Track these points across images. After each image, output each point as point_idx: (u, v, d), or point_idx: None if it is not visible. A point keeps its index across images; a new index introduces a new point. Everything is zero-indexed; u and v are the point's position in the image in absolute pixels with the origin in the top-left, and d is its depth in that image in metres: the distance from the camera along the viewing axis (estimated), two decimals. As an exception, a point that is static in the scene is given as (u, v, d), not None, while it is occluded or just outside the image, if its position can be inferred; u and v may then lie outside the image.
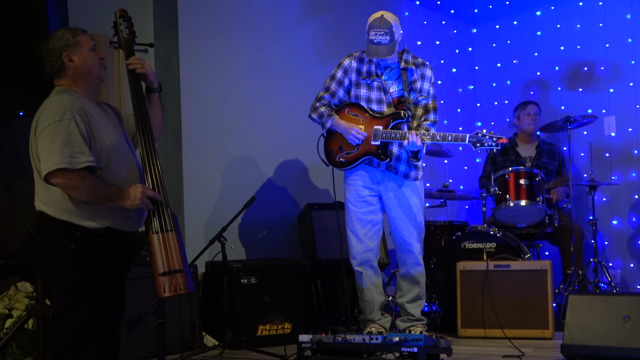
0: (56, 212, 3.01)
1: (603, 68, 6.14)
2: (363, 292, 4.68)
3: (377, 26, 4.49)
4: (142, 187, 3.05)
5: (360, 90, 4.65)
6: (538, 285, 4.76)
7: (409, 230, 4.62)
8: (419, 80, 4.63)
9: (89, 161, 2.94)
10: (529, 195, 5.35)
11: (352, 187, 4.66)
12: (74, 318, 2.99)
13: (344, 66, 4.70)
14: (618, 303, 3.86)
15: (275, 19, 5.89)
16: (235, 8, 5.69)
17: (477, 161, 6.67)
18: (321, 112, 4.67)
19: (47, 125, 2.95)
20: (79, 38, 3.12)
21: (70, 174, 2.92)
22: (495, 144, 4.36)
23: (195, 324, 4.71)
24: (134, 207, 3.04)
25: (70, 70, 3.12)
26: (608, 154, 6.08)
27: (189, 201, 5.34)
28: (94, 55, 3.15)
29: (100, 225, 3.03)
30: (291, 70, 5.93)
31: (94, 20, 4.94)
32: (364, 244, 4.63)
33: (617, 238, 6.04)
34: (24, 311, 4.28)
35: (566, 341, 3.88)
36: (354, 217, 4.65)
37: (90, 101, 3.12)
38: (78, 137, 2.94)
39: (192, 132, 5.41)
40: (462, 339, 4.81)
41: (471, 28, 6.98)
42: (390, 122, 4.55)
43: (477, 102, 6.86)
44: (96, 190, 2.98)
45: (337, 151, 4.66)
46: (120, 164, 3.09)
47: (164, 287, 3.05)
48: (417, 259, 4.66)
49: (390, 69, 4.65)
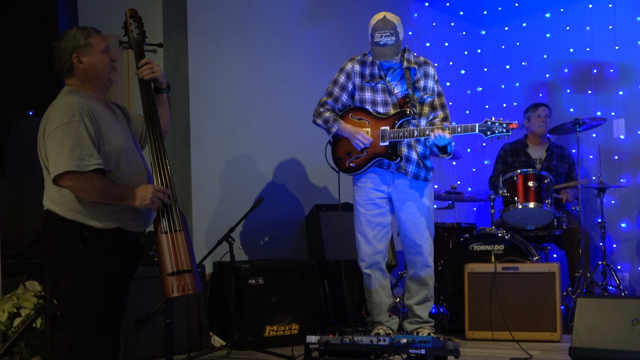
0: (65, 211, 3.01)
1: (612, 70, 6.11)
2: (371, 294, 4.67)
3: (382, 27, 4.46)
4: (152, 186, 3.05)
5: (365, 94, 4.63)
6: (546, 288, 4.74)
7: (419, 232, 4.61)
8: (422, 78, 4.61)
9: (97, 164, 2.95)
10: (538, 198, 5.33)
11: (361, 190, 4.65)
12: (83, 318, 3.00)
13: (347, 70, 4.67)
14: (626, 306, 3.85)
15: (284, 21, 5.90)
16: (244, 9, 5.70)
17: (486, 163, 6.66)
18: (326, 117, 4.65)
19: (56, 128, 2.95)
20: (90, 39, 3.11)
21: (79, 176, 2.93)
22: (505, 129, 4.33)
23: (202, 324, 4.71)
24: (143, 207, 3.05)
25: (79, 71, 3.12)
26: (617, 156, 6.06)
27: (197, 201, 5.35)
28: (104, 57, 3.14)
29: (108, 227, 3.04)
30: (299, 72, 5.93)
31: (104, 20, 4.95)
32: (372, 246, 4.62)
33: (626, 241, 6.02)
34: (32, 310, 4.29)
35: (574, 344, 3.87)
36: (363, 219, 4.64)
37: (98, 102, 3.12)
38: (87, 139, 2.94)
39: (200, 133, 5.41)
40: (470, 341, 4.80)
41: (480, 30, 6.97)
42: (396, 122, 4.54)
43: (486, 104, 6.84)
44: (105, 191, 2.98)
45: (346, 157, 4.64)
46: (128, 166, 3.10)
47: (172, 287, 3.05)
48: (427, 261, 4.65)
49: (393, 70, 4.62)
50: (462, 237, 5.29)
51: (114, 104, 3.34)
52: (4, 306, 4.34)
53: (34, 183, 3.35)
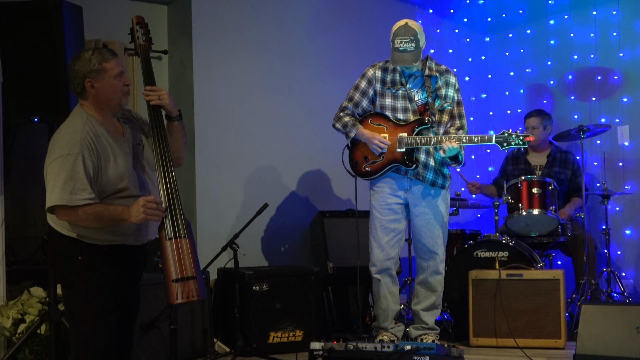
0: (63, 229, 3.09)
1: (617, 77, 6.11)
2: (379, 299, 4.67)
3: (402, 34, 4.48)
4: (141, 199, 3.04)
5: (386, 100, 4.64)
6: (550, 295, 4.74)
7: (433, 238, 4.62)
8: (443, 87, 4.62)
9: (88, 199, 2.98)
10: (542, 204, 5.33)
11: (378, 194, 4.64)
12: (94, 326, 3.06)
13: (368, 76, 4.69)
14: (631, 313, 3.84)
15: (289, 29, 5.92)
16: (248, 16, 5.72)
17: (490, 170, 6.65)
18: (345, 121, 4.66)
19: (55, 159, 3.01)
20: (105, 64, 3.10)
21: (70, 209, 2.98)
22: (522, 142, 4.34)
23: (206, 331, 4.72)
24: (140, 222, 3.06)
25: (91, 95, 3.13)
26: (621, 163, 6.05)
27: (201, 208, 5.36)
28: (117, 83, 3.13)
29: (105, 243, 3.10)
30: (303, 79, 5.94)
31: (109, 28, 4.98)
32: (385, 251, 4.62)
33: (630, 248, 6.00)
34: (36, 316, 4.30)
35: (579, 351, 3.86)
36: (377, 224, 4.63)
37: (105, 129, 3.13)
38: (82, 173, 2.98)
39: (205, 139, 5.43)
40: (474, 348, 4.79)
41: (484, 37, 6.97)
42: (414, 129, 4.54)
43: (490, 110, 6.84)
44: (100, 216, 3.02)
45: (363, 161, 4.65)
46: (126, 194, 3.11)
47: (177, 294, 3.06)
48: (438, 267, 4.66)
49: (415, 77, 4.63)
50: (467, 243, 5.29)
51: (127, 115, 3.31)
52: (9, 312, 4.34)
53: (39, 190, 3.36)
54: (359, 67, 6.15)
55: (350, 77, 6.02)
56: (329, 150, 5.92)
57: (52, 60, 4.30)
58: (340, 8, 6.22)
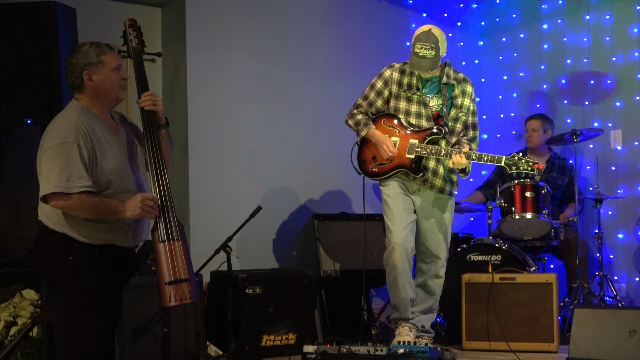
0: (55, 224, 3.06)
1: (609, 81, 6.13)
2: (398, 290, 4.52)
3: (424, 39, 4.42)
4: (140, 195, 3.06)
5: (400, 103, 4.61)
6: (543, 298, 4.75)
7: (437, 242, 4.61)
8: (459, 96, 4.60)
9: (85, 186, 2.97)
10: (535, 208, 5.34)
11: (389, 186, 4.58)
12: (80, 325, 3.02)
13: (385, 77, 4.66)
14: (624, 317, 3.86)
15: (283, 32, 5.91)
16: (242, 19, 5.71)
17: (483, 173, 6.67)
18: (358, 119, 4.65)
19: (50, 147, 2.99)
20: (103, 57, 3.12)
21: (66, 197, 2.96)
22: (531, 168, 4.34)
23: (199, 334, 4.71)
24: (135, 217, 3.06)
25: (88, 88, 3.13)
26: (614, 167, 6.07)
27: (194, 210, 5.35)
28: (115, 76, 3.15)
29: (97, 242, 3.08)
30: (297, 82, 5.94)
31: (103, 30, 4.96)
32: (407, 231, 4.49)
33: (623, 252, 6.02)
34: (29, 319, 4.28)
35: (572, 355, 3.87)
36: (393, 207, 4.53)
37: (100, 121, 3.13)
38: (78, 161, 2.97)
39: (198, 142, 5.42)
40: (467, 351, 4.79)
41: (478, 41, 6.99)
42: (426, 137, 4.53)
43: (483, 114, 6.85)
44: (95, 207, 3.00)
45: (371, 161, 4.64)
46: (118, 186, 3.10)
47: (170, 297, 3.06)
48: (439, 271, 4.65)
49: (432, 83, 4.60)
50: (460, 247, 5.30)
51: (122, 118, 3.33)
52: (1, 315, 4.33)
53: (31, 191, 3.35)
54: (353, 71, 6.17)
55: (343, 80, 6.05)
56: (322, 153, 5.92)
57: (45, 62, 4.29)
58: (334, 12, 6.22)
